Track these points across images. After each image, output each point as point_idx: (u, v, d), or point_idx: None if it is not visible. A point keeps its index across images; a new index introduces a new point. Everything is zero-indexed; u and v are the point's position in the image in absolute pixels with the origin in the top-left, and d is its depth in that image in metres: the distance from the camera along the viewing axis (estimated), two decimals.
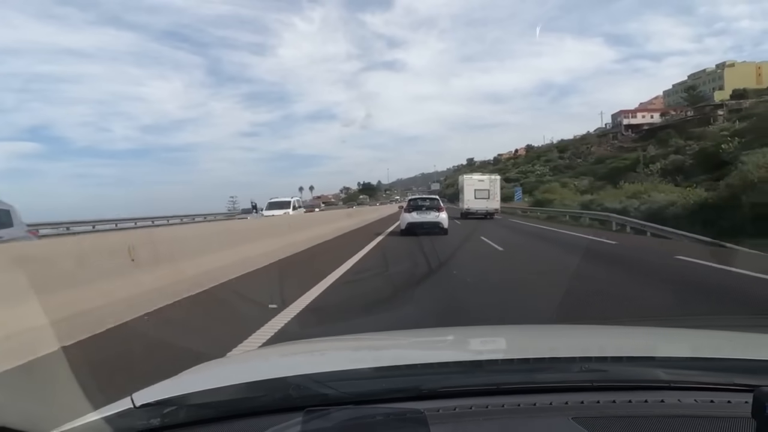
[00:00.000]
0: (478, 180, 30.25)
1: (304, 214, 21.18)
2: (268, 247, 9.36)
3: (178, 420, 1.04)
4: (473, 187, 29.44)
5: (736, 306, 5.51)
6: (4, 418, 1.17)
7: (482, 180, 30.24)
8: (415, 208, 16.55)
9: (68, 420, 1.07)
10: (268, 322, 4.68)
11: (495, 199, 29.66)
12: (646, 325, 3.02)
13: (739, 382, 1.10)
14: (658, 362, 1.28)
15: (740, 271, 7.53)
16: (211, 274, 6.64)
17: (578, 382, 1.14)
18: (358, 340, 2.13)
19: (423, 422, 0.93)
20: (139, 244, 5.59)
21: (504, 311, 5.27)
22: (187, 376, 1.40)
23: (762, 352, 1.38)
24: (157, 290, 5.41)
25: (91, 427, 1.04)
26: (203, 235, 8.08)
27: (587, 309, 5.26)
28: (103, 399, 1.21)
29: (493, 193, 29.44)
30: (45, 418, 1.12)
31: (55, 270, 4.35)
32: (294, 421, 0.96)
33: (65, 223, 22.01)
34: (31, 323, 3.71)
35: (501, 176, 37.28)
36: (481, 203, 29.00)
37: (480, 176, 31.44)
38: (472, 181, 30.09)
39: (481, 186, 29.61)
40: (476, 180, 30.25)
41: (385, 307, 5.49)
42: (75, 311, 4.22)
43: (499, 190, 31.01)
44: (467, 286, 6.76)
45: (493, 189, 29.63)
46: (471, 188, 29.44)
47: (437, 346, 1.77)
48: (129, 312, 4.78)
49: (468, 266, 8.86)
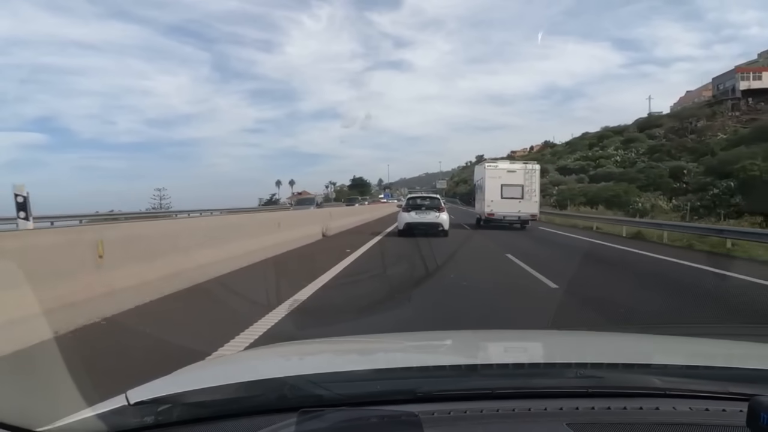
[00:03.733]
0: (506, 170, 20.57)
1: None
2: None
3: (173, 418, 1.04)
4: (499, 181, 20.10)
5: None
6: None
7: (513, 171, 20.53)
8: (413, 207, 15.41)
9: (63, 416, 1.07)
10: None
11: (532, 199, 20.17)
12: (641, 332, 3.02)
13: (735, 391, 1.10)
14: (654, 370, 1.28)
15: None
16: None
17: (573, 388, 1.14)
18: (355, 341, 2.12)
19: (417, 425, 0.93)
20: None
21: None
22: (183, 375, 1.40)
23: (758, 362, 1.38)
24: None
25: (85, 423, 1.03)
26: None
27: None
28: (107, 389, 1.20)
29: (529, 191, 20.10)
30: (40, 413, 1.11)
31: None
32: (288, 421, 0.96)
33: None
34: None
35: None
36: (511, 205, 19.78)
37: (510, 164, 21.71)
38: (499, 171, 20.59)
39: (511, 179, 20.12)
40: (504, 170, 20.63)
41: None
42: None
43: (539, 185, 21.18)
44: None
45: (530, 184, 20.16)
46: (496, 182, 20.11)
47: (433, 350, 1.77)
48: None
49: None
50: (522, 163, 21.77)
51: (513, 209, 19.76)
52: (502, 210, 19.79)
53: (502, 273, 8.42)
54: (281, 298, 5.65)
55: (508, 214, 19.69)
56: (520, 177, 20.33)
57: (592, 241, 15.10)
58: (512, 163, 22.39)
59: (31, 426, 1.03)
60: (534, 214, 20.37)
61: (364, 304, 5.69)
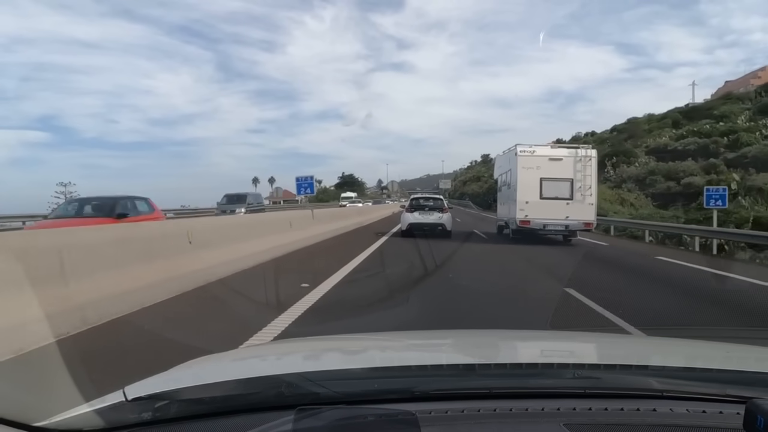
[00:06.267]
0: (548, 158, 14.32)
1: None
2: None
3: (170, 415, 1.04)
4: (537, 174, 14.09)
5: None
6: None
7: (558, 159, 14.29)
8: (417, 207, 15.59)
9: (60, 411, 1.07)
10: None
11: (586, 200, 14.03)
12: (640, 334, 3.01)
13: (732, 394, 1.10)
14: (652, 371, 1.28)
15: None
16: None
17: (571, 389, 1.14)
18: (353, 339, 2.12)
19: (414, 424, 0.93)
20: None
21: None
22: (180, 371, 1.40)
23: (755, 365, 1.38)
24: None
25: (82, 419, 1.03)
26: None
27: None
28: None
29: (582, 187, 14.05)
30: (38, 408, 1.11)
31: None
32: (285, 419, 0.96)
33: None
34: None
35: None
36: (555, 208, 13.87)
37: (553, 150, 15.27)
38: (537, 159, 14.25)
39: (555, 171, 14.09)
40: (545, 158, 14.32)
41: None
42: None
43: (596, 179, 14.76)
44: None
45: (582, 177, 14.08)
46: (533, 176, 14.10)
47: (431, 349, 1.77)
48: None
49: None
50: (571, 148, 14.95)
51: (558, 214, 13.85)
52: (543, 216, 13.88)
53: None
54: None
55: (551, 221, 13.89)
56: (569, 168, 14.07)
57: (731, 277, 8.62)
58: (556, 148, 15.74)
59: (29, 421, 1.03)
60: (589, 222, 14.18)
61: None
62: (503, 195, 16.87)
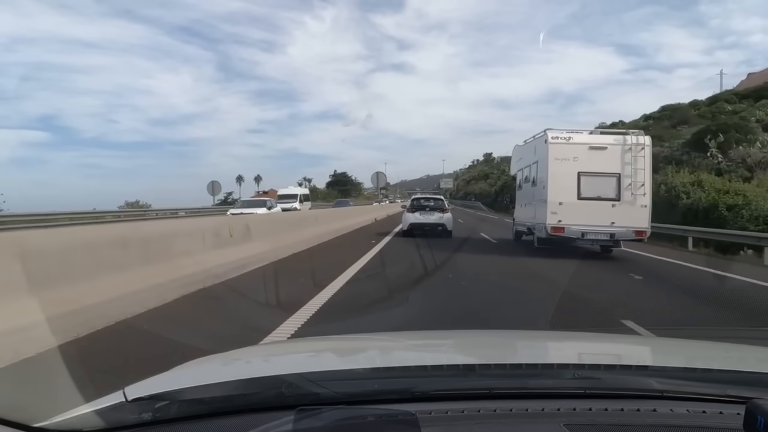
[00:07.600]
0: (588, 147, 11.04)
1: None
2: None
3: (170, 415, 1.04)
4: (575, 167, 10.87)
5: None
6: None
7: (602, 147, 10.98)
8: (418, 208, 15.89)
9: (60, 411, 1.07)
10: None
11: (637, 201, 10.78)
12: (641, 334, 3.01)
13: (732, 394, 1.10)
14: (652, 371, 1.28)
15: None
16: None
17: (571, 389, 1.14)
18: (353, 340, 2.12)
19: (414, 424, 0.93)
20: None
21: None
22: (180, 372, 1.40)
23: (756, 365, 1.38)
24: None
25: (82, 419, 1.03)
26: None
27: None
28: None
29: (632, 184, 10.77)
30: (38, 409, 1.11)
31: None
32: (285, 419, 0.96)
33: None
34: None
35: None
36: (597, 211, 10.73)
37: (594, 137, 11.72)
38: (573, 148, 11.01)
39: (598, 163, 10.90)
40: (584, 146, 11.07)
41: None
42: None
43: (650, 174, 11.24)
44: None
45: (633, 172, 10.81)
46: (568, 169, 10.89)
47: (431, 349, 1.77)
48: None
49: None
50: (617, 134, 11.57)
51: (601, 219, 10.68)
52: (582, 221, 10.70)
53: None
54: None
55: (593, 228, 10.74)
56: (615, 159, 10.83)
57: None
58: (597, 135, 12.02)
59: (28, 422, 1.03)
60: (641, 230, 10.81)
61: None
62: (525, 194, 13.65)
